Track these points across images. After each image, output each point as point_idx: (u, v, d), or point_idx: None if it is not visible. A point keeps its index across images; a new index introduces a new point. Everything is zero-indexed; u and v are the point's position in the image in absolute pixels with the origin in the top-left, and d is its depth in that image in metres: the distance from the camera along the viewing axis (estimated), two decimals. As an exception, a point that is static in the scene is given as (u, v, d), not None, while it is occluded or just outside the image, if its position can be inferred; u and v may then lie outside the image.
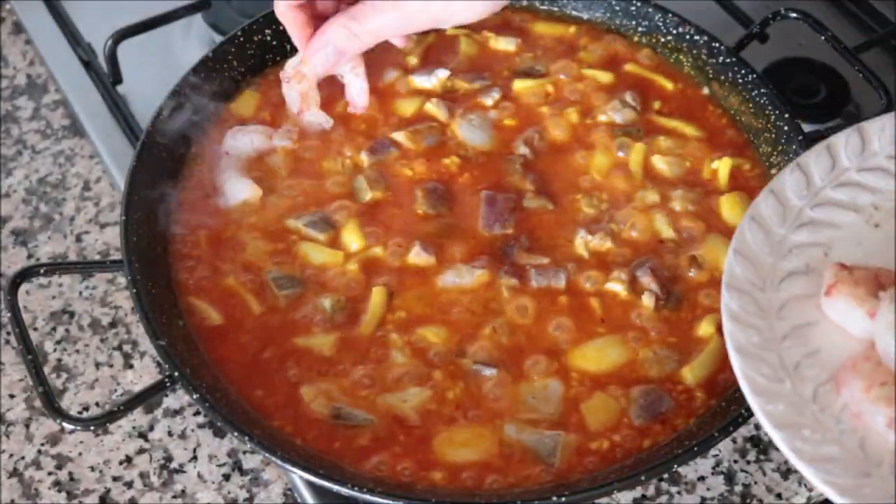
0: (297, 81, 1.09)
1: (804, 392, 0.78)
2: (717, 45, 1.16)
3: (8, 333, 1.12)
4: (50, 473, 1.01)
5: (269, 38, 1.19)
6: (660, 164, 1.10)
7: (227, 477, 1.00)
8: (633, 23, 1.23)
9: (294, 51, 1.21)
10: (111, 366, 1.09)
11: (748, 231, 0.88)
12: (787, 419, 0.76)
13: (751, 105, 1.13)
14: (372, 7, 0.97)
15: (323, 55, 1.02)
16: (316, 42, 1.02)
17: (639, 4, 1.22)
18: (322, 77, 1.08)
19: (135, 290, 0.94)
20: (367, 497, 0.83)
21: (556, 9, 1.26)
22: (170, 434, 1.03)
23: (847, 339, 0.81)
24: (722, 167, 1.09)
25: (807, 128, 1.09)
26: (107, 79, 1.30)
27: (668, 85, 1.18)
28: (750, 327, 0.82)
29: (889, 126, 0.94)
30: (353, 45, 1.01)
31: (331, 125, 1.13)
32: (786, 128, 1.08)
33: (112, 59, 1.27)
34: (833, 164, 0.92)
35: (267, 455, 0.85)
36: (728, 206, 1.06)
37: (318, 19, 1.05)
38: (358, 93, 1.13)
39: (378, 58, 1.20)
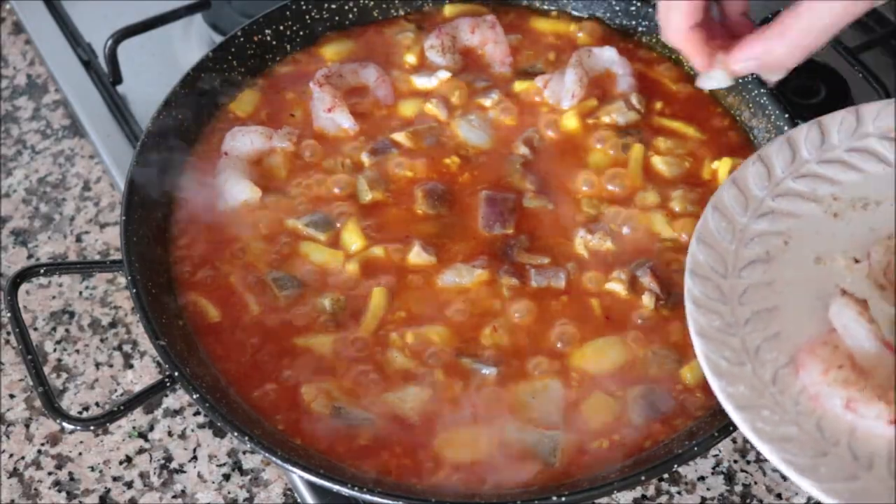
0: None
1: (764, 375, 0.81)
2: (717, 45, 1.16)
3: (8, 333, 1.12)
4: (50, 473, 1.01)
5: (269, 38, 1.20)
6: (660, 164, 1.10)
7: (227, 477, 1.00)
8: (633, 23, 1.23)
9: (294, 50, 1.22)
10: (111, 366, 1.09)
11: (711, 220, 0.91)
12: (747, 401, 0.78)
13: (751, 105, 1.13)
14: (797, 21, 0.87)
15: (744, 67, 0.94)
16: (742, 56, 0.92)
17: (639, 4, 1.22)
18: None
19: (135, 290, 0.94)
20: (367, 497, 0.83)
21: (555, 8, 1.26)
22: (170, 434, 1.03)
23: (806, 324, 0.84)
24: (722, 167, 1.09)
25: (807, 128, 1.09)
26: (107, 79, 1.30)
27: (672, 86, 1.18)
28: (712, 312, 0.84)
29: (847, 120, 0.96)
30: (785, 63, 0.92)
31: (356, 129, 1.13)
32: (786, 128, 1.08)
33: (112, 59, 1.28)
34: (793, 157, 0.95)
35: (267, 455, 0.85)
36: (728, 206, 1.06)
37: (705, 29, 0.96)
38: (385, 94, 1.17)
39: (378, 58, 1.21)
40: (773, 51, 0.90)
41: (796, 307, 0.85)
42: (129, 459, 1.02)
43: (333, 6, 1.23)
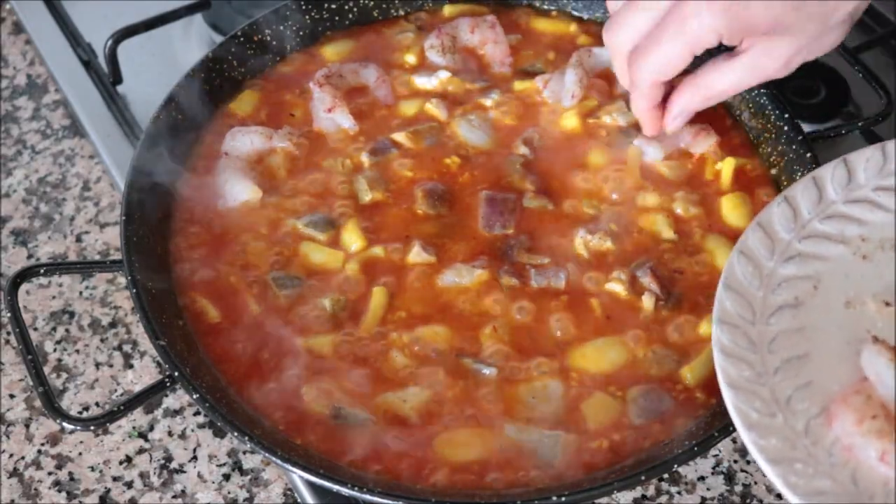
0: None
1: (796, 426, 0.78)
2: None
3: (8, 333, 1.12)
4: (50, 473, 1.01)
5: (269, 38, 1.20)
6: (661, 165, 1.10)
7: (227, 477, 1.00)
8: (633, 23, 1.23)
9: (294, 50, 1.22)
10: (111, 366, 1.09)
11: (737, 265, 0.88)
12: (779, 453, 0.76)
13: (751, 105, 1.13)
14: (716, 69, 0.96)
15: (680, 122, 1.03)
16: (673, 113, 1.02)
17: (639, 4, 1.22)
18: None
19: (135, 290, 0.94)
20: (367, 497, 0.83)
21: (555, 8, 1.26)
22: (170, 434, 1.03)
23: (838, 372, 0.82)
24: (726, 168, 1.09)
25: (807, 128, 1.09)
26: (107, 79, 1.30)
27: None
28: (742, 361, 0.82)
29: (874, 157, 0.94)
30: (704, 106, 1.01)
31: (355, 129, 1.13)
32: (786, 128, 1.08)
33: (112, 59, 1.28)
34: (820, 197, 0.92)
35: (267, 455, 0.85)
36: (729, 207, 1.06)
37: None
38: (385, 94, 1.17)
39: (378, 58, 1.21)
40: (691, 104, 1.00)
41: (827, 354, 0.83)
42: (129, 459, 1.02)
43: (333, 6, 1.23)
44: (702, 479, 0.98)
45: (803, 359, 0.83)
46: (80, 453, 1.03)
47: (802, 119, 1.11)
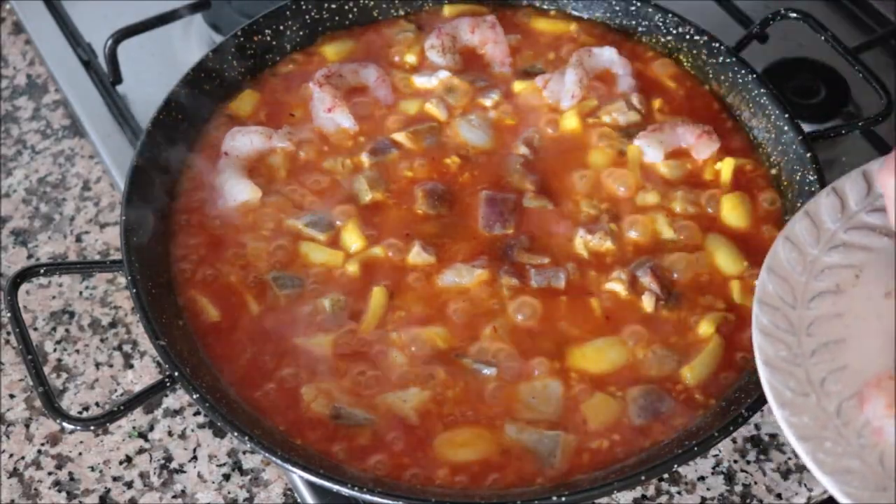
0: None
1: (828, 406, 0.80)
2: (717, 45, 1.16)
3: (8, 333, 1.12)
4: (50, 473, 1.01)
5: (269, 38, 1.20)
6: (660, 165, 1.10)
7: (227, 477, 1.00)
8: (633, 22, 1.23)
9: (294, 50, 1.22)
10: (111, 366, 1.09)
11: (782, 250, 0.90)
12: (810, 431, 0.78)
13: (751, 105, 1.13)
14: None
15: None
16: None
17: (639, 4, 1.22)
18: None
19: (135, 290, 0.94)
20: (367, 497, 0.83)
21: (555, 8, 1.26)
22: (170, 434, 1.03)
23: (873, 358, 0.83)
24: (725, 167, 1.09)
25: (807, 128, 1.09)
26: (107, 79, 1.30)
27: (672, 84, 1.19)
28: (779, 342, 0.84)
29: None
30: None
31: (356, 128, 1.13)
32: (786, 128, 1.08)
33: (112, 59, 1.27)
34: (868, 190, 0.93)
35: (267, 455, 0.85)
36: (729, 207, 1.06)
37: None
38: (385, 94, 1.17)
39: (378, 58, 1.21)
40: None
41: (864, 341, 0.84)
42: (129, 459, 1.02)
43: (333, 6, 1.23)
44: (702, 479, 0.98)
45: (840, 343, 0.84)
46: (80, 453, 1.03)
47: (802, 119, 1.11)
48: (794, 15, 1.20)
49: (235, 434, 0.86)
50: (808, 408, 0.79)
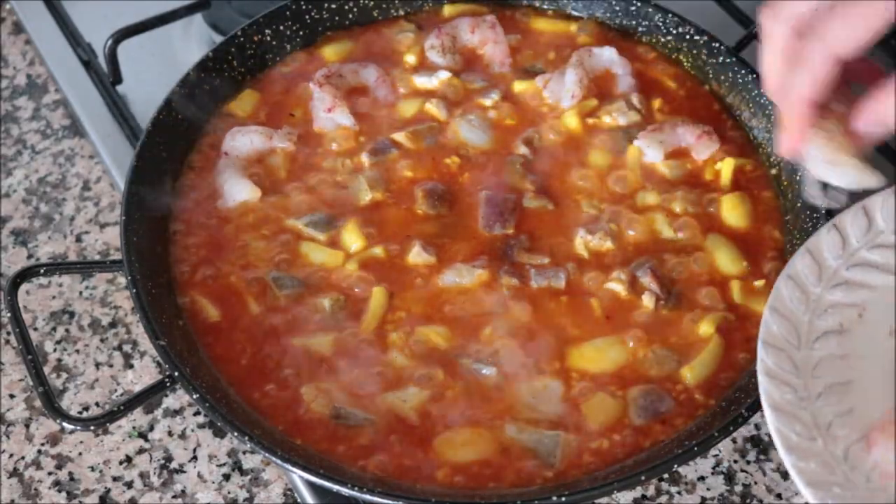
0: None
1: (836, 450, 0.79)
2: (717, 45, 1.16)
3: (8, 333, 1.12)
4: (50, 473, 1.01)
5: (269, 38, 1.20)
6: (660, 165, 1.10)
7: (227, 477, 1.00)
8: (633, 22, 1.23)
9: (294, 50, 1.22)
10: (111, 366, 1.09)
11: (784, 289, 0.89)
12: (818, 477, 0.77)
13: (751, 105, 1.13)
14: None
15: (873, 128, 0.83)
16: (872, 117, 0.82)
17: (639, 4, 1.22)
18: None
19: (135, 290, 0.94)
20: (367, 497, 0.83)
21: (555, 8, 1.26)
22: (170, 434, 1.03)
23: (879, 399, 0.82)
24: (725, 168, 1.09)
25: (807, 128, 1.09)
26: (107, 79, 1.30)
27: (672, 84, 1.19)
28: (785, 385, 0.83)
29: None
30: None
31: (356, 128, 1.13)
32: (786, 128, 1.08)
33: (112, 59, 1.27)
34: (869, 226, 0.93)
35: (267, 455, 0.85)
36: (729, 207, 1.06)
37: None
38: (385, 94, 1.17)
39: (378, 58, 1.21)
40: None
41: (870, 381, 0.84)
42: (129, 459, 1.02)
43: (333, 6, 1.23)
44: (702, 479, 0.98)
45: (846, 386, 0.84)
46: (80, 453, 1.03)
47: (802, 119, 1.11)
48: (794, 15, 1.20)
49: (235, 434, 0.86)
50: (815, 452, 0.79)
